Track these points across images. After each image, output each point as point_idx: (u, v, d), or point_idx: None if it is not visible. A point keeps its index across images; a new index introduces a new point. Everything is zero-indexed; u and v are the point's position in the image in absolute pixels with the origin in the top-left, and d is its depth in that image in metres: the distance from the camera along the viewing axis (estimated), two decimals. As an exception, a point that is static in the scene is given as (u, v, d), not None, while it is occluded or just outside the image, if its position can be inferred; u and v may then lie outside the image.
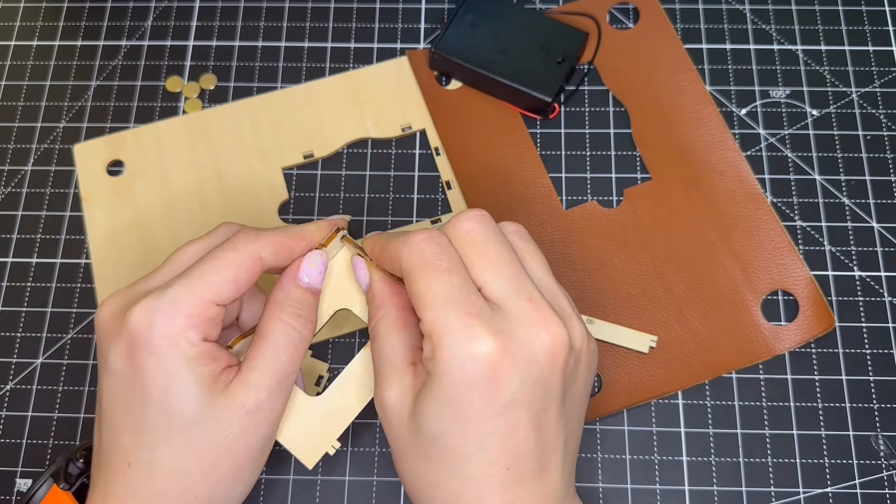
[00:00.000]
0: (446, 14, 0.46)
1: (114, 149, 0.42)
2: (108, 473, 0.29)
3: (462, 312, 0.27)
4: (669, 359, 0.37)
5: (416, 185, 0.41)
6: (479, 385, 0.27)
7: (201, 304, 0.29)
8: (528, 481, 0.28)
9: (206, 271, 0.29)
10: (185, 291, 0.29)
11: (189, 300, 0.29)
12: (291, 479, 0.36)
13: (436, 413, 0.28)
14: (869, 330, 0.38)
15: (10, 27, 0.46)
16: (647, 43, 0.44)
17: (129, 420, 0.29)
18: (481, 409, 0.27)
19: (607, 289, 0.39)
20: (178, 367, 0.28)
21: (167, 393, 0.28)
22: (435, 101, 0.43)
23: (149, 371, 0.28)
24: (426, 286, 0.28)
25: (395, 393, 0.29)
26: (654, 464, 0.36)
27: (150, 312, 0.28)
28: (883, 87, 0.43)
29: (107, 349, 0.29)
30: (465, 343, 0.27)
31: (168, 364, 0.28)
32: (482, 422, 0.27)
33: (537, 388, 0.28)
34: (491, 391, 0.27)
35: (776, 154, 0.42)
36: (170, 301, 0.28)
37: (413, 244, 0.29)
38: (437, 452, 0.28)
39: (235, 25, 0.45)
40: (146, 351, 0.28)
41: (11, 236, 0.41)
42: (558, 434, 0.29)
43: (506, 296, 0.28)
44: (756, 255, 0.39)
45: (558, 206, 0.41)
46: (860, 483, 0.36)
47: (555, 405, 0.29)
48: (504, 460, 0.28)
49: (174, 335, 0.28)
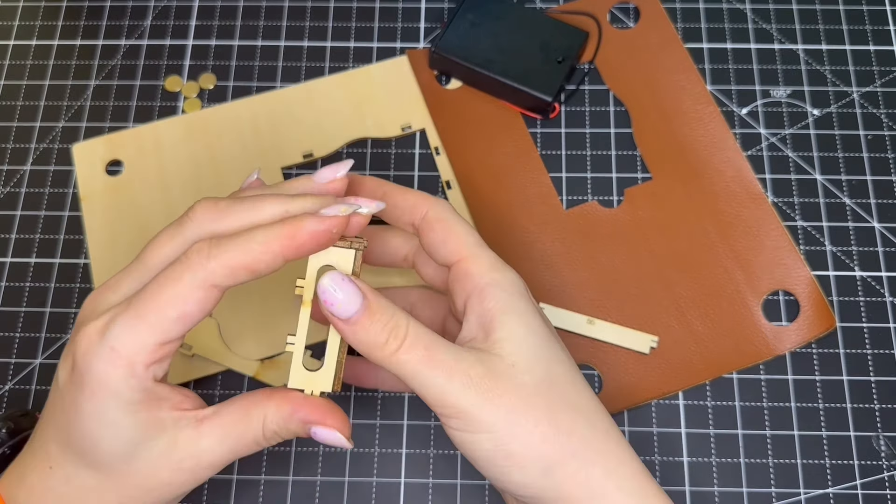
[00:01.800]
0: (446, 13, 0.45)
1: (113, 148, 0.42)
2: (32, 462, 0.29)
3: (490, 251, 0.31)
4: (670, 359, 0.37)
5: (416, 184, 0.41)
6: (533, 305, 0.30)
7: (145, 351, 0.26)
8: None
9: (149, 309, 0.26)
10: (127, 336, 0.26)
11: (131, 346, 0.26)
12: (291, 480, 0.36)
13: (535, 326, 0.29)
14: (870, 330, 0.38)
15: (9, 26, 0.46)
16: (647, 42, 0.44)
17: (60, 433, 0.28)
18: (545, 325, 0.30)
19: (608, 289, 0.39)
20: (116, 413, 0.27)
21: (100, 434, 0.27)
22: (435, 100, 0.43)
23: (85, 409, 0.27)
24: (467, 233, 0.31)
25: (482, 367, 0.28)
26: (654, 464, 0.36)
27: (90, 355, 0.26)
28: (884, 86, 0.43)
29: (64, 354, 0.28)
30: (511, 272, 0.30)
31: (105, 409, 0.27)
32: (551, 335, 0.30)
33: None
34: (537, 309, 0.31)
35: (777, 154, 0.42)
36: (110, 349, 0.26)
37: (442, 200, 0.32)
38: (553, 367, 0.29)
39: (235, 25, 0.45)
40: (85, 390, 0.27)
41: (10, 236, 0.41)
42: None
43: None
44: (757, 254, 0.39)
45: (558, 206, 0.41)
46: (861, 483, 0.35)
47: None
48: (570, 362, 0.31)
49: (113, 384, 0.26)
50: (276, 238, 0.27)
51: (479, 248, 0.31)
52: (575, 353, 0.37)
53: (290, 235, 0.27)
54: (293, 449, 0.37)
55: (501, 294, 0.29)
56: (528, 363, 0.28)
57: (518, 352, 0.28)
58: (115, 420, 0.27)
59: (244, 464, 0.36)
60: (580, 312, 0.38)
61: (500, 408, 0.27)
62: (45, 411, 0.29)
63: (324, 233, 0.27)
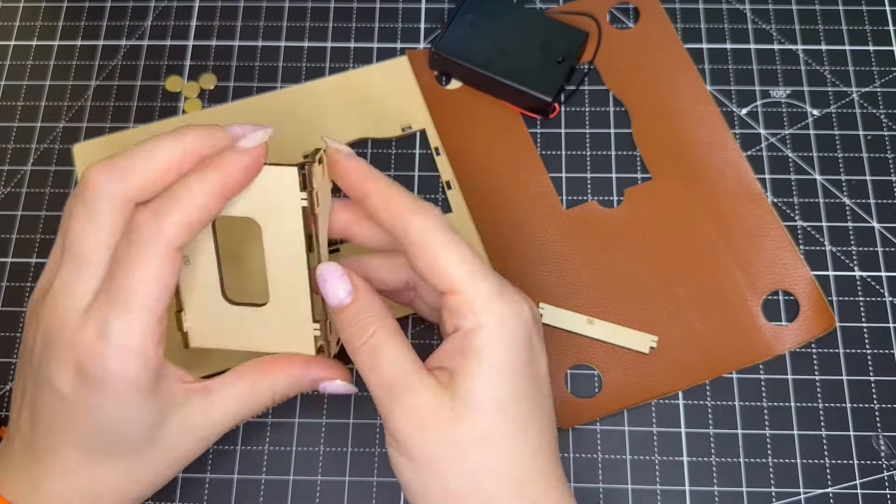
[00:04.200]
0: (446, 14, 0.45)
1: (113, 149, 0.42)
2: (42, 471, 0.29)
3: (494, 279, 0.28)
4: (670, 359, 0.37)
5: (416, 185, 0.41)
6: (525, 347, 0.28)
7: (149, 336, 0.27)
8: (555, 449, 0.29)
9: (133, 296, 0.27)
10: (128, 329, 0.27)
11: (137, 337, 0.27)
12: (291, 480, 0.36)
13: (496, 383, 0.27)
14: (869, 330, 0.38)
15: (10, 27, 0.46)
16: (647, 43, 0.44)
17: (80, 438, 0.28)
18: (529, 372, 0.28)
19: (608, 289, 0.39)
20: (138, 402, 0.28)
21: (125, 426, 0.28)
22: (435, 101, 0.43)
23: (107, 408, 0.28)
24: (457, 255, 0.28)
25: (429, 397, 0.27)
26: (654, 464, 0.36)
27: (100, 359, 0.27)
28: (883, 86, 0.43)
29: (48, 362, 0.28)
30: (512, 307, 0.28)
31: (128, 402, 0.28)
32: (532, 384, 0.28)
33: (540, 347, 0.30)
34: (531, 354, 0.28)
35: (777, 154, 0.42)
36: (118, 347, 0.27)
37: (429, 211, 0.29)
38: (500, 429, 0.27)
39: (235, 25, 0.45)
40: (105, 391, 0.27)
41: (11, 236, 0.41)
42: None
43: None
44: (756, 254, 0.39)
45: (558, 206, 0.41)
46: (861, 483, 0.35)
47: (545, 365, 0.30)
48: (547, 427, 0.29)
49: (133, 377, 0.27)
50: (214, 184, 0.28)
51: (470, 278, 0.28)
52: (575, 353, 0.37)
53: (226, 177, 0.28)
54: (293, 449, 0.37)
55: (482, 343, 0.27)
56: (481, 422, 0.27)
57: (476, 407, 0.27)
58: (139, 409, 0.28)
59: (244, 464, 0.36)
60: (580, 312, 0.38)
61: (429, 445, 0.28)
62: (40, 412, 0.29)
63: (254, 164, 0.29)
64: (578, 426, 0.37)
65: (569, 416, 0.37)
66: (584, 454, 0.36)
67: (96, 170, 0.28)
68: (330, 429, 0.37)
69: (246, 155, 0.29)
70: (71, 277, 0.28)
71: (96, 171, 0.28)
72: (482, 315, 0.27)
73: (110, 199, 0.28)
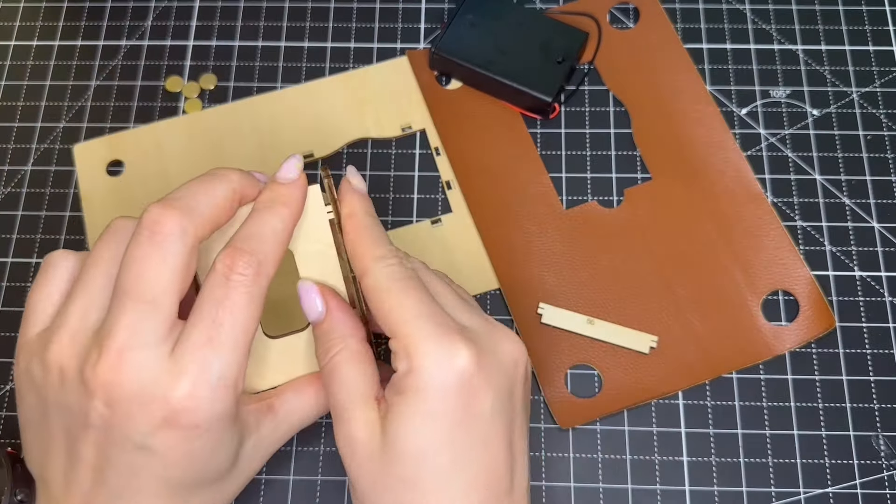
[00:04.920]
0: (446, 14, 0.45)
1: (114, 149, 0.42)
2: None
3: (436, 324, 0.28)
4: (670, 359, 0.37)
5: (416, 185, 0.41)
6: (460, 394, 0.27)
7: (239, 369, 0.28)
8: (503, 501, 0.28)
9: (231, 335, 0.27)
10: (227, 367, 0.27)
11: (233, 372, 0.27)
12: (291, 480, 0.36)
13: (420, 429, 0.27)
14: (869, 330, 0.38)
15: (10, 27, 0.46)
16: (647, 43, 0.44)
17: (161, 485, 0.28)
18: (463, 419, 0.27)
19: (608, 289, 0.39)
20: (228, 434, 0.28)
21: (216, 459, 0.28)
22: (435, 101, 0.43)
23: (201, 450, 0.28)
24: (398, 302, 0.28)
25: (363, 427, 0.28)
26: (654, 464, 0.36)
27: (197, 400, 0.27)
28: (883, 86, 0.43)
29: (127, 421, 0.27)
30: (445, 352, 0.27)
31: (221, 436, 0.28)
32: (464, 432, 0.27)
33: (507, 399, 0.28)
34: (470, 400, 0.27)
35: (776, 154, 0.42)
36: (218, 389, 0.27)
37: (386, 262, 0.29)
38: (420, 475, 0.27)
39: (235, 25, 0.45)
40: (199, 429, 0.27)
41: (11, 236, 0.41)
42: (523, 449, 0.29)
43: (463, 315, 0.29)
44: (756, 254, 0.39)
45: (558, 206, 0.41)
46: (861, 483, 0.36)
47: (520, 419, 0.29)
48: (483, 477, 0.27)
49: (228, 411, 0.28)
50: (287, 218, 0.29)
51: (407, 324, 0.28)
52: (575, 353, 0.37)
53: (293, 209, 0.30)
54: (293, 449, 0.37)
55: (409, 386, 0.27)
56: (401, 465, 0.27)
57: (398, 450, 0.27)
58: (230, 441, 0.29)
59: (245, 463, 0.36)
60: (580, 312, 0.38)
61: (358, 475, 0.28)
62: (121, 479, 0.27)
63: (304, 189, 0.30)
64: (578, 426, 0.37)
65: (569, 416, 0.37)
66: (584, 454, 0.36)
67: (162, 211, 0.27)
68: (330, 429, 0.37)
69: (298, 184, 0.30)
70: (141, 327, 0.27)
71: (163, 212, 0.27)
72: (414, 359, 0.27)
73: (183, 237, 0.27)
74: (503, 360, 0.28)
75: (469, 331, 0.29)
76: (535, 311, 0.38)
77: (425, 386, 0.27)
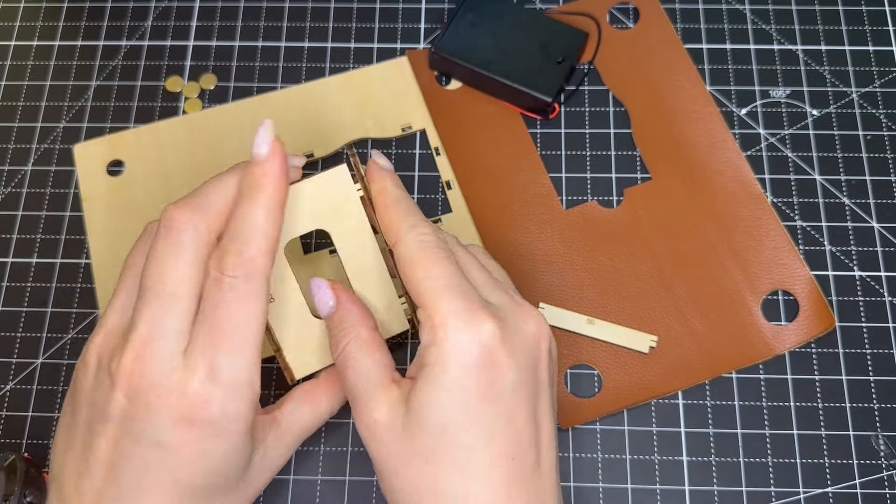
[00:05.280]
0: (446, 14, 0.45)
1: (114, 149, 0.42)
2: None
3: (463, 297, 0.28)
4: (669, 359, 0.37)
5: (416, 185, 0.41)
6: (484, 368, 0.27)
7: (255, 370, 0.28)
8: (528, 475, 0.28)
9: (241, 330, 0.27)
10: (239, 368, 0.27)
11: (247, 373, 0.28)
12: (291, 480, 0.36)
13: (443, 402, 0.27)
14: (869, 330, 0.38)
15: (10, 27, 0.46)
16: (647, 43, 0.44)
17: (173, 486, 0.28)
18: (486, 394, 0.27)
19: (607, 289, 0.39)
20: (244, 439, 0.29)
21: (226, 467, 0.29)
22: (435, 101, 0.43)
23: (215, 451, 0.28)
24: (427, 273, 0.29)
25: (384, 411, 0.28)
26: (654, 464, 0.36)
27: (219, 402, 0.27)
28: (883, 86, 0.43)
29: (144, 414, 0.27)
30: (469, 326, 0.27)
31: (237, 441, 0.28)
32: (488, 405, 0.27)
33: (530, 374, 0.29)
34: (493, 375, 0.28)
35: (776, 154, 0.42)
36: (232, 386, 0.27)
37: (418, 231, 0.30)
38: (444, 448, 0.27)
39: (235, 25, 0.45)
40: (213, 433, 0.27)
41: (11, 236, 0.41)
42: (551, 425, 0.29)
43: (488, 291, 0.30)
44: (756, 254, 0.39)
45: (558, 206, 0.41)
46: (860, 483, 0.36)
47: (545, 394, 0.29)
48: (508, 450, 0.28)
49: (247, 415, 0.28)
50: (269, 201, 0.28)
51: (436, 294, 0.28)
52: (575, 352, 0.38)
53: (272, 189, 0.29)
54: (294, 448, 0.37)
55: (434, 360, 0.28)
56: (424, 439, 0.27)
57: (422, 424, 0.27)
58: (242, 444, 0.29)
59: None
60: (580, 312, 0.38)
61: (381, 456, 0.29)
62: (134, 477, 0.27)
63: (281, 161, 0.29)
64: (578, 426, 0.37)
65: (569, 416, 0.37)
66: (584, 454, 0.36)
67: (175, 209, 0.28)
68: (330, 429, 0.37)
69: (272, 159, 0.29)
70: (160, 320, 0.27)
71: (176, 209, 0.28)
72: (439, 331, 0.28)
73: (195, 232, 0.28)
74: (526, 337, 0.29)
75: (493, 307, 0.29)
76: (535, 311, 0.38)
77: (448, 359, 0.27)
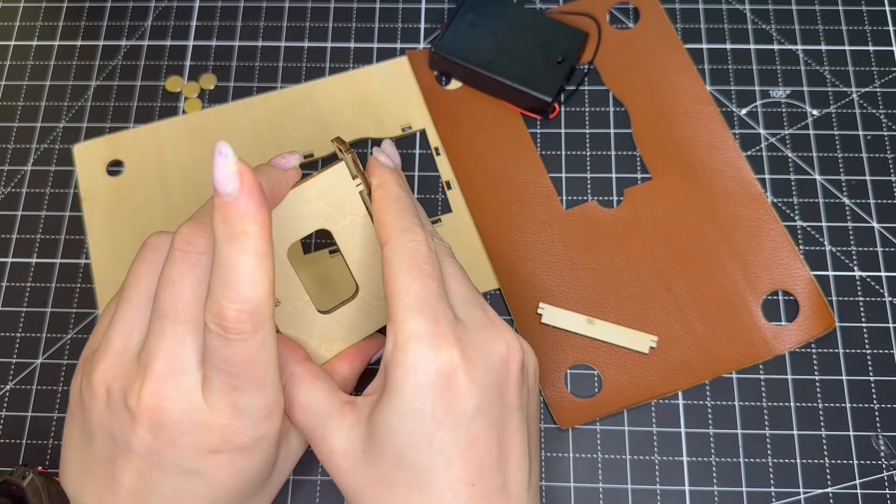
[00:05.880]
0: (446, 14, 0.45)
1: (114, 149, 0.42)
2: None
3: (432, 320, 0.27)
4: (669, 359, 0.37)
5: (416, 185, 0.41)
6: (440, 394, 0.27)
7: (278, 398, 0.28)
8: (493, 499, 0.27)
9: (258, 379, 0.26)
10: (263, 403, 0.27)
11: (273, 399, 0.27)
12: (291, 480, 0.36)
13: (398, 426, 0.27)
14: (869, 330, 0.38)
15: (10, 27, 0.46)
16: (647, 43, 0.44)
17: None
18: (443, 419, 0.27)
19: (607, 289, 0.39)
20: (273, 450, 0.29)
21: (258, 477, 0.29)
22: (435, 101, 0.43)
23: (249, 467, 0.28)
24: (405, 287, 0.28)
25: (342, 437, 0.28)
26: (654, 464, 0.36)
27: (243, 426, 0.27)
28: (883, 86, 0.43)
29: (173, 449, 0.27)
30: (429, 352, 0.27)
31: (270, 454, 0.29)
32: (445, 431, 0.27)
33: (495, 398, 0.28)
34: (450, 401, 0.27)
35: (776, 154, 0.42)
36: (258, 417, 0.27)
37: (409, 237, 0.29)
38: (402, 474, 0.27)
39: (235, 25, 0.45)
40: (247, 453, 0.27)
41: (11, 236, 0.41)
42: (522, 449, 0.28)
43: (465, 307, 0.29)
44: (756, 255, 0.39)
45: (558, 206, 0.41)
46: (860, 483, 0.36)
47: (514, 416, 0.28)
48: (468, 475, 0.27)
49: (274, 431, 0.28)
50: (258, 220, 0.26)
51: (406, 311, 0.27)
52: (575, 353, 0.38)
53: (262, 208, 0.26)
54: (293, 448, 0.37)
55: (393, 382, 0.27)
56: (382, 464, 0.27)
57: (380, 448, 0.27)
58: (274, 452, 0.29)
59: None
60: (580, 312, 0.38)
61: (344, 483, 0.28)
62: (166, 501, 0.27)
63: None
64: (578, 426, 0.37)
65: (569, 416, 0.37)
66: (584, 454, 0.36)
67: (193, 231, 0.27)
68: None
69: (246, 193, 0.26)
70: (178, 353, 0.26)
71: (193, 231, 0.27)
72: (398, 353, 0.27)
73: (210, 255, 0.27)
74: (493, 360, 0.28)
75: (463, 327, 0.28)
76: (534, 311, 0.38)
77: (403, 382, 0.27)
